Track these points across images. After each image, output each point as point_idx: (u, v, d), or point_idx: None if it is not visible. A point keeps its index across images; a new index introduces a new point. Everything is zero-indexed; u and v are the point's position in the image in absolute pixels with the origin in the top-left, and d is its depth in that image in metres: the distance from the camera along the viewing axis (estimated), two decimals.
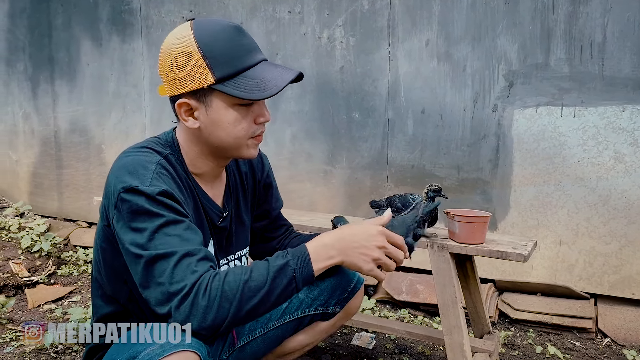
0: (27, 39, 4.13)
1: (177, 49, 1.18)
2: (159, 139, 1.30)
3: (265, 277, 1.09)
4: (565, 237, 2.52)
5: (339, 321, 1.66)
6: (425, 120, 2.76)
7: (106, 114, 3.82)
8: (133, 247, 1.09)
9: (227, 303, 1.05)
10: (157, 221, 1.10)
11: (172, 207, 1.13)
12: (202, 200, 1.32)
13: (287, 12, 3.06)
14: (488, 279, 2.73)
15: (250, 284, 1.08)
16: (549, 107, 2.48)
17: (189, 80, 1.18)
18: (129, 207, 1.10)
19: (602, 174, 2.41)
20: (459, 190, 2.71)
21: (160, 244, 1.08)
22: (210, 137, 1.24)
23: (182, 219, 1.13)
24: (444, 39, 2.66)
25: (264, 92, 1.16)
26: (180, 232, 1.11)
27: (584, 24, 2.37)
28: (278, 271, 1.11)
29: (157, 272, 1.07)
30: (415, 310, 2.74)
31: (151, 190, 1.11)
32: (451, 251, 1.72)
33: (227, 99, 1.19)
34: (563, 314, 2.47)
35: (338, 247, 1.17)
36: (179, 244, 1.09)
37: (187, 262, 1.07)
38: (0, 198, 4.57)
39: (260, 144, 1.31)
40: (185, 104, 1.21)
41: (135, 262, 1.09)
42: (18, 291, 2.98)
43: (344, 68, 2.93)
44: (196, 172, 1.32)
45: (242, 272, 1.10)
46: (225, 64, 1.16)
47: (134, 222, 1.10)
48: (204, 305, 1.04)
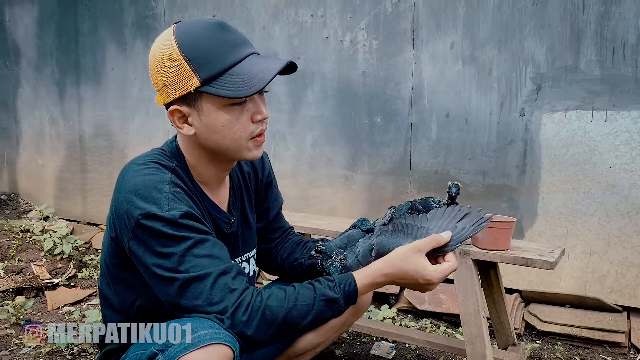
0: (55, 44, 4.19)
1: (161, 55, 1.14)
2: (163, 150, 1.26)
3: (310, 308, 1.10)
4: (596, 247, 2.41)
5: (349, 319, 1.60)
6: (449, 125, 2.68)
7: (130, 119, 3.84)
8: (161, 270, 1.08)
9: (266, 327, 1.06)
10: (184, 244, 1.07)
11: (195, 227, 1.10)
12: (210, 210, 1.29)
13: (309, 16, 3.03)
14: (514, 289, 2.63)
15: (293, 312, 1.09)
16: (578, 111, 2.39)
17: (176, 86, 1.13)
18: (151, 233, 1.08)
19: (636, 180, 2.31)
20: (485, 197, 2.62)
21: (191, 267, 1.06)
22: (208, 142, 1.19)
23: (207, 238, 1.11)
24: (469, 42, 2.60)
25: (250, 87, 1.10)
26: (209, 252, 1.09)
27: (616, 25, 2.28)
28: (326, 305, 1.12)
29: (193, 294, 1.06)
30: (438, 321, 2.66)
31: (172, 214, 1.08)
32: (474, 257, 1.65)
33: (216, 101, 1.13)
34: (593, 327, 2.35)
35: (389, 283, 1.19)
36: (212, 264, 1.07)
37: (224, 282, 1.06)
38: (27, 201, 4.63)
39: (264, 143, 1.25)
40: (177, 111, 1.17)
41: (166, 284, 1.08)
42: (39, 293, 2.99)
43: (366, 71, 2.88)
44: (201, 180, 1.28)
45: (286, 298, 1.10)
46: (208, 63, 1.10)
47: (159, 247, 1.08)
48: (244, 321, 1.04)
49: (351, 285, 1.14)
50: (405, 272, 1.15)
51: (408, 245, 1.18)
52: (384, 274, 1.17)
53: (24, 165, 4.64)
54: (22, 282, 2.98)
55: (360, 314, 1.65)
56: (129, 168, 1.18)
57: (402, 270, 1.15)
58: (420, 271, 1.15)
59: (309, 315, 1.10)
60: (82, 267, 3.39)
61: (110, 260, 1.26)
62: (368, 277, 1.16)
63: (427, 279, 1.14)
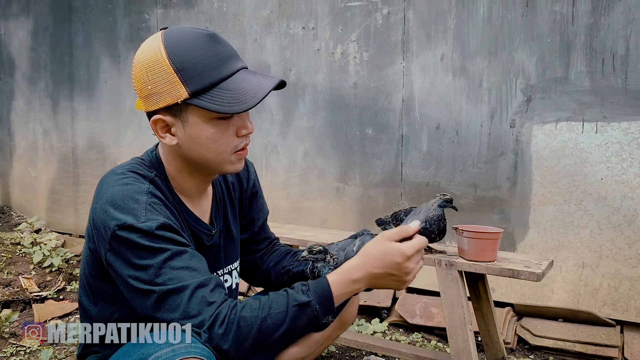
0: (49, 57, 4.20)
1: (148, 62, 1.11)
2: (142, 160, 1.24)
3: (284, 315, 1.06)
4: (588, 260, 2.38)
5: (333, 332, 1.57)
6: (440, 137, 2.67)
7: (122, 131, 3.83)
8: (138, 282, 1.05)
9: (242, 339, 1.03)
10: (160, 256, 1.05)
11: (172, 239, 1.08)
12: (190, 221, 1.26)
13: (301, 28, 3.03)
14: (507, 302, 2.59)
15: (267, 322, 1.05)
16: (569, 122, 2.37)
17: (162, 95, 1.10)
18: (127, 245, 1.06)
19: (627, 192, 2.28)
20: (476, 209, 2.60)
21: (169, 279, 1.04)
22: (190, 153, 1.17)
23: (185, 250, 1.09)
24: (460, 53, 2.59)
25: (242, 104, 1.08)
26: (187, 264, 1.06)
27: (606, 36, 2.28)
28: (299, 310, 1.07)
29: (170, 307, 1.03)
30: (429, 335, 2.62)
31: (148, 226, 1.05)
32: (460, 269, 1.62)
33: (204, 114, 1.11)
34: (586, 341, 2.31)
35: (366, 281, 1.13)
36: (189, 276, 1.05)
37: (201, 294, 1.04)
38: (19, 214, 4.61)
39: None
40: (161, 120, 1.14)
41: (143, 297, 1.05)
42: (26, 306, 2.95)
43: (358, 83, 2.88)
44: (181, 191, 1.26)
45: (260, 307, 1.07)
46: (199, 76, 1.08)
47: (135, 259, 1.05)
48: (220, 334, 1.02)
49: (324, 286, 1.09)
50: (377, 258, 1.11)
51: (377, 236, 1.15)
52: (357, 267, 1.12)
53: (16, 178, 4.62)
54: (9, 295, 2.94)
55: (345, 328, 1.61)
56: (107, 178, 1.16)
57: (374, 257, 1.11)
58: (392, 251, 1.11)
59: (284, 323, 1.06)
60: (72, 280, 3.35)
61: (90, 272, 1.23)
62: (342, 276, 1.12)
63: (403, 254, 1.10)
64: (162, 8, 3.56)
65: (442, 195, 1.69)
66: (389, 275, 1.12)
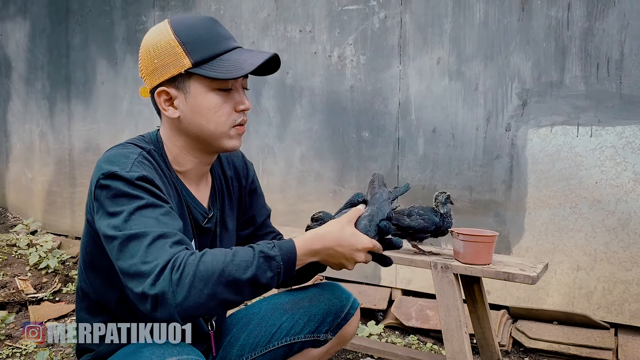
0: (46, 59, 4.20)
1: (155, 40, 1.19)
2: (142, 137, 1.28)
3: (249, 264, 1.03)
4: (583, 263, 2.39)
5: (332, 348, 1.58)
6: (436, 140, 2.68)
7: (119, 133, 3.83)
8: (109, 229, 1.05)
9: (202, 283, 0.98)
10: (134, 203, 1.06)
11: (151, 191, 1.09)
12: (186, 197, 1.28)
13: (298, 31, 3.05)
14: (502, 305, 2.61)
15: (230, 267, 1.01)
16: (564, 126, 2.39)
17: (167, 67, 1.17)
18: (108, 192, 1.08)
19: (621, 196, 2.30)
20: (472, 212, 2.61)
21: (135, 225, 1.04)
22: (191, 126, 1.22)
23: (161, 204, 1.09)
24: (456, 57, 2.61)
25: (240, 70, 1.16)
26: (158, 216, 1.06)
27: (600, 41, 2.30)
28: (265, 262, 1.05)
29: (131, 252, 1.01)
30: (425, 337, 2.63)
31: (130, 175, 1.08)
32: (455, 272, 1.63)
33: (205, 84, 1.18)
34: (581, 344, 2.33)
35: (323, 255, 1.16)
36: (155, 225, 1.04)
37: (162, 243, 1.02)
38: (15, 215, 4.60)
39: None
40: (164, 92, 1.20)
41: (111, 243, 1.05)
42: (22, 308, 2.95)
43: (354, 86, 2.89)
44: (180, 170, 1.28)
45: (224, 254, 1.03)
46: (201, 48, 1.16)
47: (112, 207, 1.07)
48: (176, 280, 0.96)
49: (290, 247, 1.10)
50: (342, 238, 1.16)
51: (343, 216, 1.22)
52: (321, 239, 1.15)
53: (12, 179, 4.61)
54: (5, 296, 2.94)
55: (344, 344, 1.63)
56: (107, 150, 1.21)
57: (340, 237, 1.16)
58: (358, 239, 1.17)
59: (248, 270, 1.02)
60: (68, 282, 3.35)
61: (86, 249, 1.24)
62: (305, 242, 1.13)
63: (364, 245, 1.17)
64: (159, 10, 3.57)
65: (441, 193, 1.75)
66: (342, 255, 1.17)
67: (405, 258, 1.71)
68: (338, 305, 1.55)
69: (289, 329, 1.51)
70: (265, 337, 1.50)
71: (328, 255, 1.16)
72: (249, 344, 1.50)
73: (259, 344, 1.50)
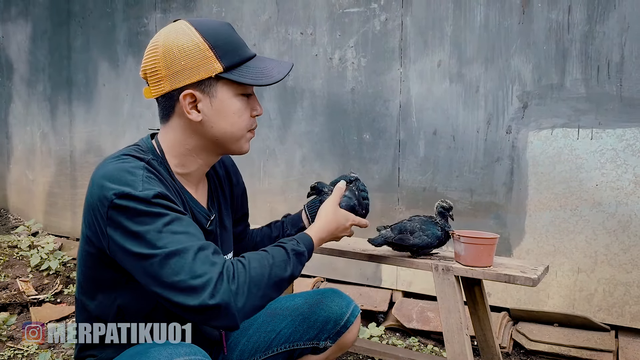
0: (47, 61, 4.21)
1: (181, 42, 1.17)
2: (137, 146, 1.26)
3: (286, 263, 1.16)
4: (583, 265, 2.40)
5: (331, 355, 1.59)
6: (437, 142, 2.69)
7: (121, 135, 3.84)
8: (139, 248, 1.04)
9: (256, 288, 1.07)
10: (160, 220, 1.05)
11: (170, 206, 1.09)
12: (190, 203, 1.28)
13: (299, 34, 3.05)
14: (502, 307, 2.61)
15: (275, 269, 1.13)
16: (565, 128, 2.40)
17: (196, 69, 1.17)
18: (126, 213, 1.06)
19: (622, 198, 2.31)
20: (472, 215, 2.62)
21: (169, 242, 1.04)
22: (213, 129, 1.22)
23: (182, 217, 1.10)
24: (457, 60, 2.61)
25: (270, 78, 1.20)
26: (186, 229, 1.07)
27: (601, 44, 2.30)
28: (297, 258, 1.20)
29: (175, 269, 1.02)
30: (426, 339, 2.63)
31: (146, 194, 1.06)
32: (456, 274, 1.63)
33: (232, 89, 1.21)
34: (581, 346, 2.33)
35: (328, 238, 1.40)
36: (188, 240, 1.05)
37: (204, 256, 1.04)
38: (16, 217, 4.60)
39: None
40: (191, 95, 1.19)
41: (144, 263, 1.04)
42: (23, 309, 2.96)
43: (355, 89, 2.90)
44: (182, 173, 1.28)
45: (264, 258, 1.14)
46: (230, 53, 1.18)
47: (135, 227, 1.05)
48: (235, 290, 1.04)
49: (310, 241, 1.28)
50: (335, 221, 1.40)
51: (329, 200, 1.44)
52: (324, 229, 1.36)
53: (14, 181, 4.62)
54: (6, 298, 2.95)
55: (343, 351, 1.64)
56: (102, 162, 1.18)
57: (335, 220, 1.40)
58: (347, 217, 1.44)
59: (288, 268, 1.16)
60: (69, 283, 3.35)
61: (86, 263, 1.21)
62: (317, 234, 1.33)
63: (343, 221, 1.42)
64: (161, 13, 3.58)
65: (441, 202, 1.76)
66: (339, 235, 1.43)
67: (406, 260, 1.71)
68: (338, 313, 1.55)
69: (288, 336, 1.51)
70: (265, 342, 1.51)
71: (331, 237, 1.40)
72: (248, 349, 1.50)
73: (258, 349, 1.51)
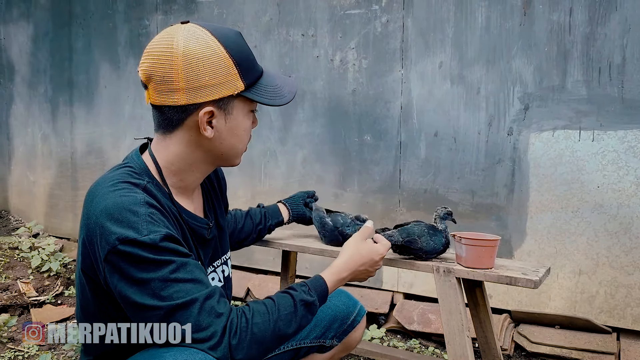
0: (49, 62, 4.21)
1: (204, 53, 1.09)
2: (130, 167, 1.18)
3: (293, 315, 1.13)
4: (585, 267, 2.39)
5: (337, 354, 1.59)
6: (438, 144, 2.69)
7: (122, 136, 3.84)
8: (142, 298, 1.01)
9: (257, 345, 1.05)
10: (165, 269, 1.02)
11: (176, 250, 1.05)
12: (189, 221, 1.23)
13: (300, 35, 3.05)
14: (504, 309, 2.60)
15: (279, 324, 1.10)
16: (566, 130, 2.40)
17: (219, 87, 1.11)
18: (130, 260, 1.01)
19: (623, 200, 2.30)
20: (473, 216, 2.61)
21: (175, 293, 1.01)
22: (222, 145, 1.19)
23: (188, 261, 1.06)
24: (458, 61, 2.61)
25: (283, 98, 1.20)
26: (192, 275, 1.04)
27: (602, 45, 2.30)
28: (306, 308, 1.15)
29: (179, 322, 1.01)
30: (427, 341, 2.63)
31: (151, 238, 1.01)
32: (457, 276, 1.63)
33: (246, 106, 1.19)
34: (583, 348, 2.33)
35: (350, 278, 1.31)
36: (194, 289, 1.03)
37: (210, 306, 1.03)
38: (17, 218, 4.60)
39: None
40: (210, 112, 1.13)
41: (147, 314, 1.02)
42: (24, 311, 2.96)
43: (356, 90, 2.90)
44: (179, 186, 1.23)
45: (269, 311, 1.10)
46: (250, 70, 1.15)
47: (138, 273, 1.01)
48: (235, 345, 1.03)
49: (323, 286, 1.21)
50: (362, 256, 1.33)
51: (355, 236, 1.38)
52: (345, 268, 1.29)
53: (15, 182, 4.62)
54: (7, 299, 2.94)
55: (349, 351, 1.65)
56: (97, 190, 1.11)
57: (360, 256, 1.33)
58: (373, 251, 1.36)
59: (293, 322, 1.12)
60: (70, 285, 3.35)
61: (85, 294, 1.17)
62: (333, 275, 1.26)
63: (379, 254, 1.36)
64: (162, 14, 3.58)
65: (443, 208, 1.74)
66: (366, 271, 1.34)
67: (407, 262, 1.71)
68: (345, 312, 1.55)
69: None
70: None
71: (354, 276, 1.32)
72: None
73: None
